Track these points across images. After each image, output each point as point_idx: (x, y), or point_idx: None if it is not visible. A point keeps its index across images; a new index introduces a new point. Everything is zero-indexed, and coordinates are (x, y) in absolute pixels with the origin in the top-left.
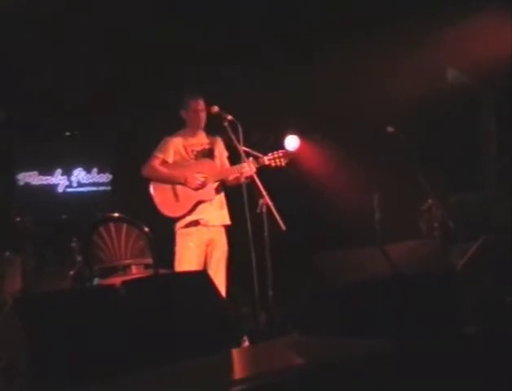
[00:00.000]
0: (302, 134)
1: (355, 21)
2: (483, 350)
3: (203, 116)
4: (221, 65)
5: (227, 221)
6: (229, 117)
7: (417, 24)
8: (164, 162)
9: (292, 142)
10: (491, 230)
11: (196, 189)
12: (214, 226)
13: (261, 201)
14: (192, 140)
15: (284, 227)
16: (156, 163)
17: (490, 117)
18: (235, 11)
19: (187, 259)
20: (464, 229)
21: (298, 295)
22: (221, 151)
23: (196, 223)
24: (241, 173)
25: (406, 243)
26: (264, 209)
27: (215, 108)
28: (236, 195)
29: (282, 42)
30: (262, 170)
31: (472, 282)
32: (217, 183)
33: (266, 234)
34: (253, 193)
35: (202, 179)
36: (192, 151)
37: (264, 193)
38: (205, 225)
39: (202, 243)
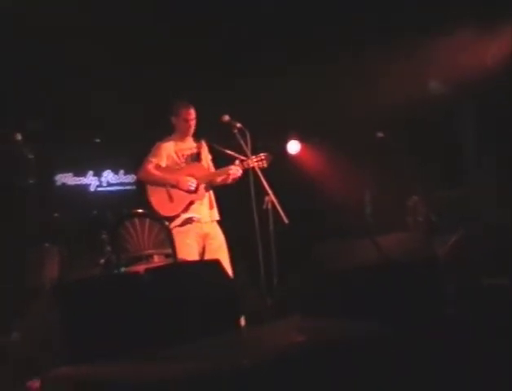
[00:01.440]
0: (302, 138)
1: (353, 37)
2: (463, 329)
3: (193, 124)
4: (228, 76)
5: (217, 217)
6: (238, 125)
7: (403, 42)
8: (157, 166)
9: (293, 147)
10: (469, 223)
11: (188, 192)
12: (206, 222)
13: (266, 198)
14: (181, 145)
15: (286, 221)
16: (151, 167)
17: (469, 122)
18: (237, 29)
19: (185, 254)
20: (445, 222)
21: (300, 281)
22: (206, 154)
23: (189, 221)
24: (228, 175)
25: (394, 235)
26: (269, 206)
27: (226, 117)
28: (244, 193)
29: (285, 54)
30: (266, 172)
31: (452, 268)
32: (207, 184)
33: (271, 227)
34: (260, 191)
35: (194, 184)
36: (183, 155)
37: (269, 191)
38: (198, 221)
39: (199, 238)
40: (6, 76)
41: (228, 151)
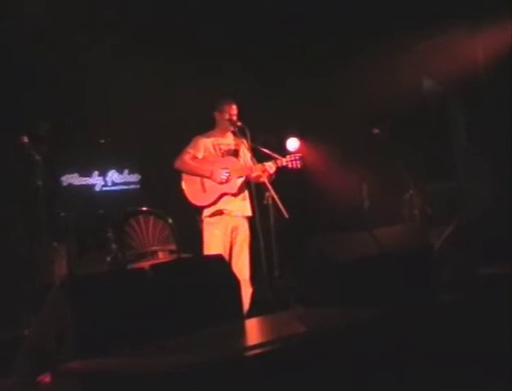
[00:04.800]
0: (301, 136)
1: (352, 37)
2: (457, 314)
3: (235, 119)
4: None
5: (248, 213)
6: (238, 123)
7: (397, 41)
8: (194, 157)
9: (293, 144)
10: (462, 215)
11: (221, 183)
12: (236, 215)
13: (267, 194)
14: (220, 140)
15: (287, 216)
16: (187, 157)
17: (459, 118)
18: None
19: (214, 245)
20: (439, 214)
21: (300, 273)
22: (245, 152)
23: (220, 213)
24: (263, 172)
25: (391, 228)
26: (270, 201)
27: (226, 116)
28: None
29: (284, 52)
30: None
31: (448, 258)
32: (241, 179)
33: (272, 222)
34: (260, 187)
35: (226, 175)
36: (220, 149)
37: (270, 187)
38: (228, 214)
39: (227, 230)
40: (11, 79)
41: (265, 150)
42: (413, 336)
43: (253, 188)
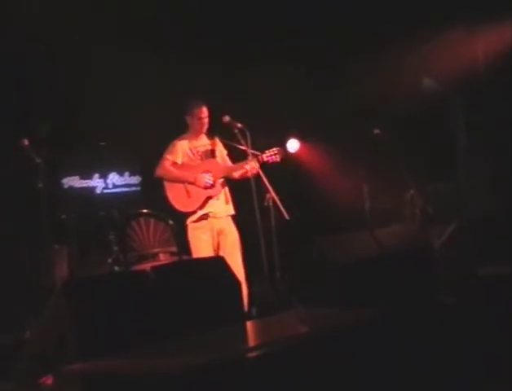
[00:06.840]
0: (301, 137)
1: (352, 38)
2: (457, 314)
3: (206, 122)
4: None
5: (232, 212)
6: (239, 125)
7: (398, 42)
8: (174, 163)
9: (293, 145)
10: (462, 215)
11: (205, 188)
12: (221, 217)
13: (267, 196)
14: (195, 142)
15: (287, 217)
16: (167, 164)
17: (459, 118)
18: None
19: (202, 249)
20: (439, 214)
21: (302, 274)
22: (221, 150)
23: (205, 216)
24: (247, 171)
25: (391, 228)
26: (270, 203)
27: (226, 118)
28: (246, 191)
29: (285, 53)
30: (269, 169)
31: (448, 258)
32: (222, 180)
33: (272, 223)
34: (261, 189)
35: (211, 181)
36: (198, 152)
37: (270, 188)
38: (213, 217)
39: (214, 233)
40: (12, 81)
41: (241, 147)
42: (413, 336)
43: (254, 190)
